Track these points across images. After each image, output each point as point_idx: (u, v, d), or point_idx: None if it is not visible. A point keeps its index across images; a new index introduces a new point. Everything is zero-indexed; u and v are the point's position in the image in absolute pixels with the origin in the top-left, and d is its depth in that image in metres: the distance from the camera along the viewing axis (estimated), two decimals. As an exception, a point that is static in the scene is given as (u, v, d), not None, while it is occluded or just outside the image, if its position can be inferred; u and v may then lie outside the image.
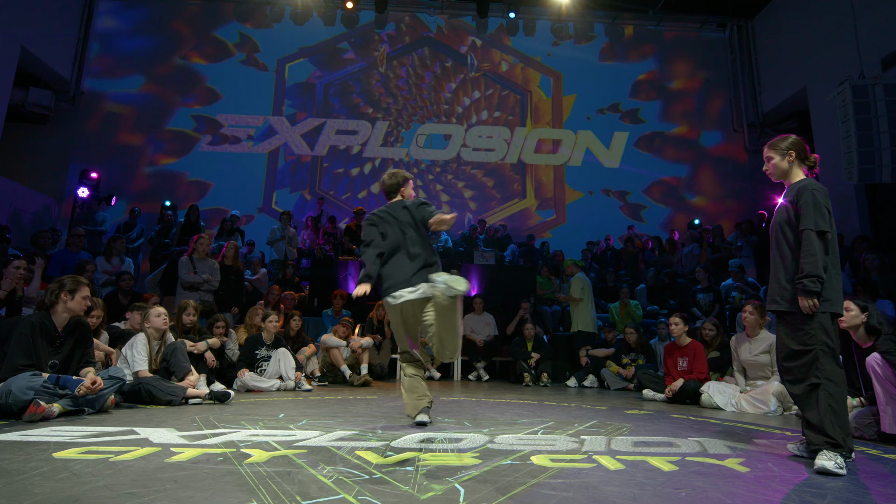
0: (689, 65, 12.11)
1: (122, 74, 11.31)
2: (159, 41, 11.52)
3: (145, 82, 11.32)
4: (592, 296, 7.09)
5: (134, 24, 11.58)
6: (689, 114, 11.88)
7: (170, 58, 11.45)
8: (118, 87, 11.29)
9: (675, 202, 11.45)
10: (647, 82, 11.97)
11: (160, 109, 11.26)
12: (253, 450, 2.31)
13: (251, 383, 5.05)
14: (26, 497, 1.56)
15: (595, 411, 4.03)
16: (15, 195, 9.70)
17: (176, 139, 11.17)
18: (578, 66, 11.95)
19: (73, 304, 3.40)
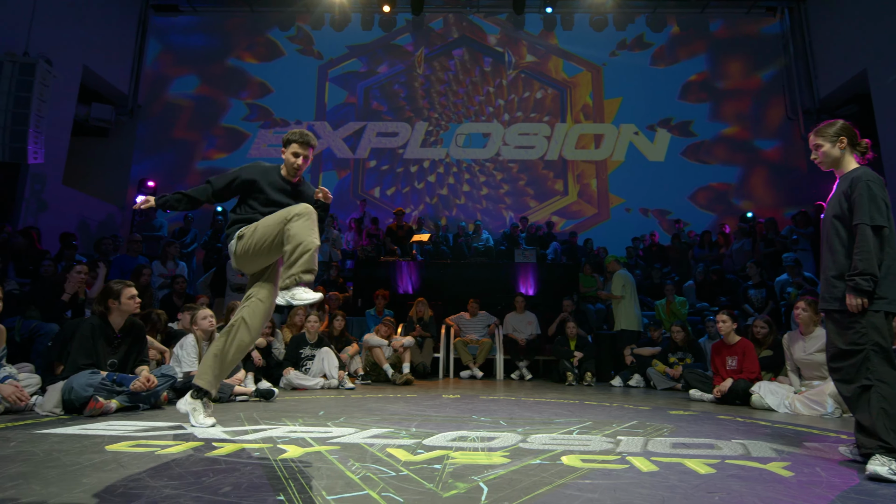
0: (739, 59, 11.49)
1: (173, 93, 11.89)
2: (209, 51, 12.03)
3: (196, 94, 11.85)
4: (636, 293, 6.91)
5: (183, 39, 12.15)
6: (742, 113, 11.26)
7: (217, 73, 11.94)
8: (172, 98, 11.87)
9: (723, 208, 10.84)
10: (697, 84, 11.48)
11: (213, 112, 11.76)
12: (289, 445, 2.39)
13: (296, 381, 5.20)
14: (76, 486, 1.68)
15: (637, 411, 3.93)
16: (81, 204, 10.35)
17: (229, 140, 11.64)
18: (620, 59, 11.65)
19: (124, 306, 3.61)
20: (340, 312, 6.58)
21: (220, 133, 11.73)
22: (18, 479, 1.75)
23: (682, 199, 10.87)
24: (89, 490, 1.65)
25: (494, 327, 7.35)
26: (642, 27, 11.72)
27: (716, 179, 11.03)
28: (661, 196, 10.92)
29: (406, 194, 11.38)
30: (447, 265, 8.64)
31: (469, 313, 7.48)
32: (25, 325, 4.58)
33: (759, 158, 11.04)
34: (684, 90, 11.46)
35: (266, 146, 11.59)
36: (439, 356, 7.09)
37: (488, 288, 8.20)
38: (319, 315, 5.78)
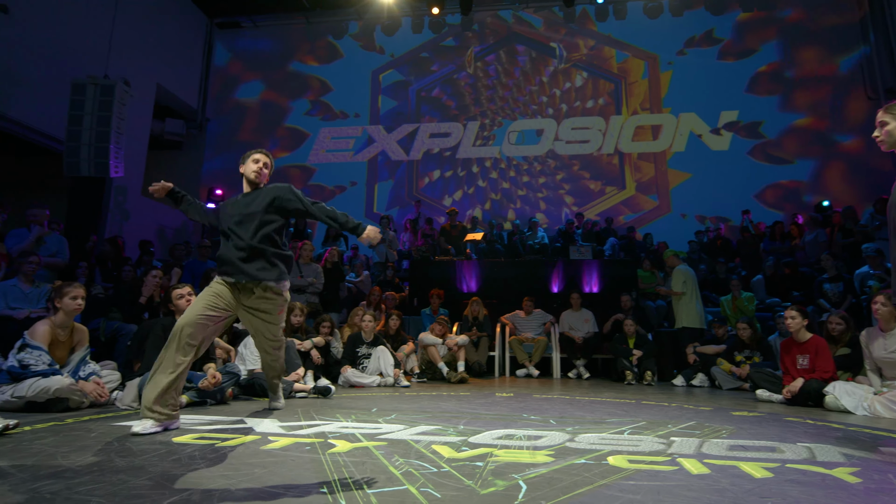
0: (814, 45, 10.73)
1: (240, 98, 12.53)
2: (272, 57, 12.59)
3: (261, 99, 12.42)
4: (697, 289, 6.61)
5: (249, 45, 12.77)
6: (817, 102, 10.49)
7: (280, 78, 12.47)
8: (239, 102, 12.51)
9: (793, 207, 10.10)
10: (767, 75, 10.83)
11: (277, 115, 12.30)
12: (338, 440, 2.48)
13: (353, 379, 5.36)
14: (142, 474, 1.83)
15: (696, 412, 3.78)
16: (158, 213, 11.11)
17: (291, 140, 12.14)
18: (677, 45, 11.18)
19: (173, 307, 3.87)
20: (396, 312, 6.71)
21: (284, 134, 12.25)
22: (93, 467, 1.92)
23: (748, 198, 10.24)
24: (152, 478, 1.79)
25: (550, 325, 7.26)
26: (711, 21, 11.12)
27: (786, 176, 10.33)
28: (725, 192, 10.36)
29: (460, 194, 11.44)
30: (501, 263, 8.61)
31: (524, 311, 7.42)
32: (109, 326, 4.97)
33: (835, 151, 10.26)
34: (753, 82, 10.82)
35: (329, 139, 11.99)
36: (495, 355, 7.09)
37: (543, 286, 8.12)
38: (375, 315, 5.92)
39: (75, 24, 8.99)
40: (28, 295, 4.68)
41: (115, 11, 9.45)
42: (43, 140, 8.62)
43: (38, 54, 8.36)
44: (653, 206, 10.69)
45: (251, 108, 12.49)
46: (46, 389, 3.20)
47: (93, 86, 8.25)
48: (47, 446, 2.26)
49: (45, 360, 3.29)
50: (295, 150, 12.13)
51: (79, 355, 3.58)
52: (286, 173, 11.92)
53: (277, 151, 12.16)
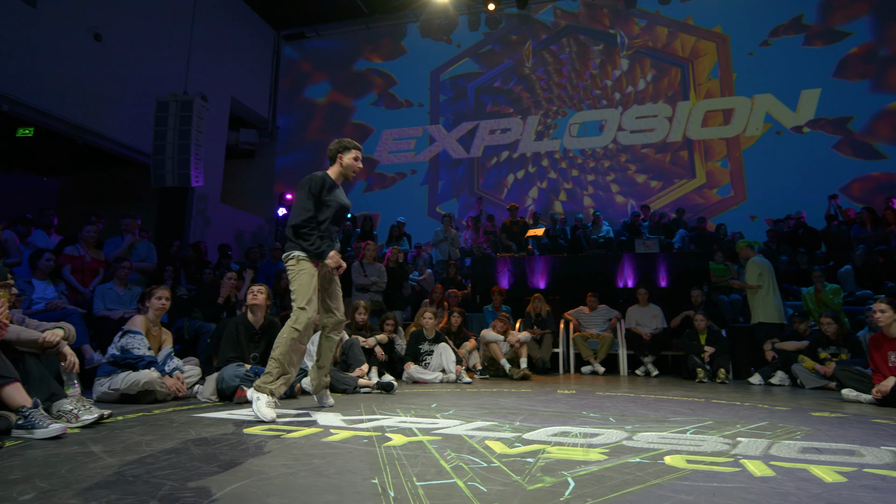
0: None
1: (304, 101, 13.08)
2: (338, 58, 13.06)
3: (328, 100, 12.91)
4: (775, 281, 6.20)
5: (313, 55, 13.29)
6: None
7: (346, 78, 12.89)
8: (307, 101, 13.06)
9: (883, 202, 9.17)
10: (859, 56, 9.91)
11: (342, 114, 12.75)
12: (395, 434, 2.57)
13: (416, 376, 5.48)
14: (213, 461, 1.99)
15: (771, 412, 3.58)
16: (236, 219, 11.82)
17: (355, 136, 12.52)
18: (749, 23, 10.49)
19: (258, 300, 4.12)
20: (458, 309, 6.77)
21: (350, 130, 12.65)
22: (172, 454, 2.11)
23: (832, 185, 9.41)
24: (221, 465, 1.94)
25: (616, 321, 7.08)
26: (800, 6, 10.30)
27: (879, 168, 9.41)
28: (807, 179, 9.61)
29: (522, 189, 11.35)
30: (564, 259, 8.47)
31: (588, 307, 7.28)
32: (192, 325, 5.37)
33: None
34: (841, 66, 9.94)
35: (391, 140, 12.28)
36: (559, 351, 7.00)
37: (608, 281, 7.92)
38: (436, 312, 6.02)
39: (158, 47, 9.73)
40: (122, 297, 5.14)
41: (191, 32, 10.13)
42: (132, 154, 9.40)
43: (127, 76, 9.12)
44: (726, 195, 10.13)
45: (319, 107, 12.99)
46: (137, 382, 3.52)
47: (174, 102, 8.90)
48: (135, 434, 2.50)
49: (145, 343, 3.67)
50: (361, 143, 12.52)
51: (164, 352, 3.92)
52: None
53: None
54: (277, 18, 12.87)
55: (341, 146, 3.41)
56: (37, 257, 4.71)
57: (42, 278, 4.71)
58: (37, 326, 2.94)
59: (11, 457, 2.05)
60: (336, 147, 3.42)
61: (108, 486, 1.67)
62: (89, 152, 9.18)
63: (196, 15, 10.25)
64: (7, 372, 2.48)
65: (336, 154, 3.41)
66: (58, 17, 7.92)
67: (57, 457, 2.05)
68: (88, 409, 2.71)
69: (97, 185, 11.28)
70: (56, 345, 2.80)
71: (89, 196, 11.08)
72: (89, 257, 5.55)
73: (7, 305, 2.55)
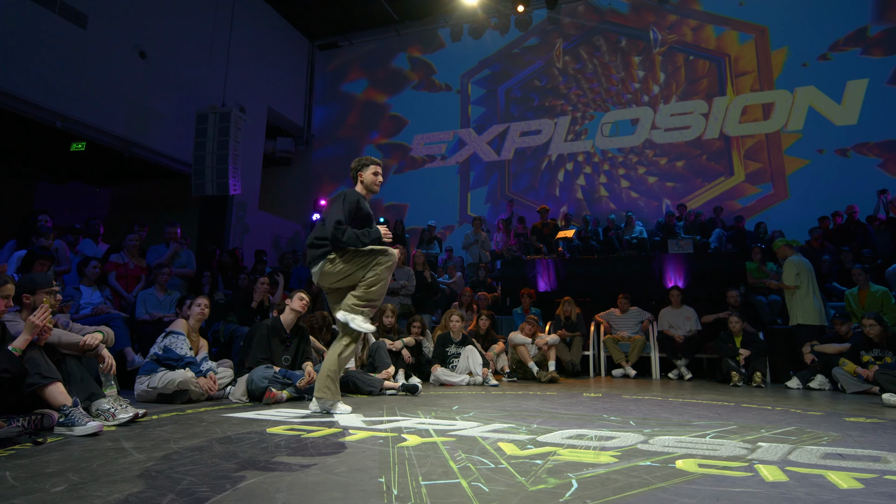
0: None
1: (339, 114, 13.36)
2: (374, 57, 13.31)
3: (356, 119, 13.17)
4: (814, 282, 5.96)
5: (345, 73, 13.58)
6: None
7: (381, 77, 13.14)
8: (345, 98, 13.34)
9: None
10: None
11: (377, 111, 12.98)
12: (411, 435, 2.63)
13: (443, 378, 5.53)
14: (233, 458, 2.09)
15: (802, 416, 3.46)
16: (273, 225, 12.17)
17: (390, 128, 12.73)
18: (790, 11, 10.11)
19: (294, 305, 4.26)
20: (487, 312, 6.80)
21: (385, 124, 12.84)
22: (195, 451, 2.23)
23: (883, 180, 8.96)
24: (240, 463, 2.04)
25: (648, 323, 6.95)
26: (864, 18, 9.70)
27: None
28: (853, 174, 9.18)
29: (553, 191, 11.27)
30: (595, 260, 8.37)
31: (619, 309, 7.17)
32: (227, 328, 5.59)
33: None
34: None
35: (423, 145, 12.42)
36: (589, 354, 6.93)
37: (640, 282, 7.77)
38: (464, 315, 6.06)
39: (198, 62, 10.15)
40: (162, 302, 5.40)
41: (229, 46, 10.52)
42: (175, 164, 9.82)
43: (169, 90, 9.56)
44: (766, 192, 9.78)
45: (355, 103, 13.24)
46: (172, 381, 3.70)
47: (213, 114, 9.27)
48: (165, 433, 2.64)
49: (187, 344, 3.87)
50: (395, 136, 12.73)
51: (200, 356, 4.11)
52: (385, 151, 12.63)
53: (379, 138, 12.85)
54: (311, 29, 13.21)
55: (360, 164, 3.51)
56: (84, 265, 5.01)
57: (89, 284, 5.01)
58: (79, 330, 3.15)
59: (50, 452, 2.21)
60: (355, 166, 3.52)
61: (133, 481, 1.79)
62: (136, 164, 9.65)
63: (234, 29, 10.63)
64: (49, 372, 2.67)
65: (356, 173, 3.51)
66: (106, 37, 8.37)
67: (91, 452, 2.20)
68: (125, 409, 2.88)
69: (144, 195, 11.82)
70: (95, 347, 2.98)
71: (137, 205, 11.63)
72: (132, 264, 5.85)
73: (51, 311, 2.74)
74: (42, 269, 4.27)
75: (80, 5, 8.00)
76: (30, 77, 7.30)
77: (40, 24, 7.46)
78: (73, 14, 7.89)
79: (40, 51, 7.46)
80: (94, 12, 8.19)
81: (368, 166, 3.50)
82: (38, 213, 5.54)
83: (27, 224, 5.39)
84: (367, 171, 3.49)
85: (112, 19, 8.49)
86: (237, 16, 10.74)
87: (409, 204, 12.19)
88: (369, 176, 3.49)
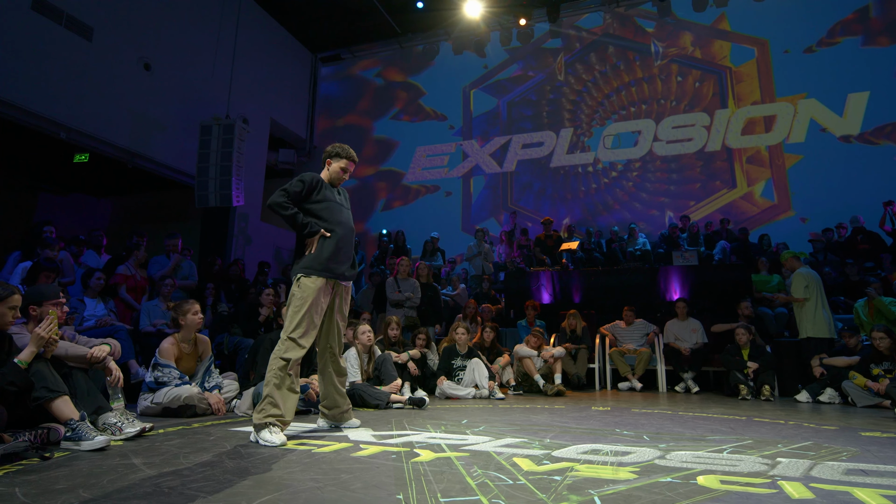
0: None
1: (342, 125, 13.41)
2: (367, 94, 13.36)
3: (358, 132, 13.21)
4: (823, 294, 5.93)
5: (348, 84, 13.65)
6: None
7: (377, 114, 13.18)
8: (339, 137, 13.37)
9: None
10: None
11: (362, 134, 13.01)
12: (423, 450, 2.58)
13: (449, 391, 5.48)
14: (246, 475, 2.05)
15: (817, 431, 3.42)
16: (276, 236, 12.14)
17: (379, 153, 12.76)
18: (791, 26, 10.20)
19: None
20: (491, 324, 6.76)
21: (373, 146, 12.87)
22: (206, 467, 2.18)
23: (888, 190, 8.96)
24: (253, 479, 1.99)
25: (654, 336, 6.91)
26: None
27: None
28: (857, 184, 9.19)
29: (556, 203, 11.27)
30: (599, 272, 8.34)
31: (624, 322, 7.14)
32: (231, 341, 5.54)
33: None
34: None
35: (425, 157, 12.45)
36: (595, 367, 6.87)
37: (645, 294, 7.74)
38: (469, 327, 6.02)
39: (201, 72, 10.20)
40: (166, 313, 5.35)
41: (233, 58, 10.57)
42: (178, 176, 9.82)
43: (172, 101, 9.59)
44: (769, 204, 9.78)
45: (358, 113, 13.29)
46: (178, 397, 3.65)
47: (217, 126, 9.28)
48: (173, 447, 2.60)
49: (175, 374, 3.77)
50: (397, 147, 12.75)
51: (204, 365, 4.05)
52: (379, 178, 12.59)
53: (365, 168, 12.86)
54: (314, 41, 13.29)
55: (333, 151, 3.35)
56: (88, 276, 4.98)
57: (93, 296, 4.97)
58: (85, 343, 3.11)
59: (59, 467, 2.16)
60: (329, 150, 3.37)
61: (145, 497, 1.75)
62: (139, 175, 9.65)
63: (238, 41, 10.70)
64: (56, 386, 2.63)
65: (327, 158, 3.37)
66: (111, 49, 8.41)
67: (100, 468, 2.15)
68: (132, 422, 2.84)
69: (145, 206, 11.81)
70: (103, 360, 2.94)
71: (138, 217, 11.62)
72: (139, 276, 5.82)
73: (57, 323, 2.70)
74: (47, 280, 4.23)
75: (87, 18, 8.05)
76: (35, 88, 7.32)
77: (47, 36, 7.50)
78: (79, 27, 7.94)
79: (46, 63, 7.48)
80: (99, 25, 8.23)
81: (340, 158, 3.33)
82: (43, 223, 5.52)
83: (32, 235, 5.37)
84: (336, 163, 3.33)
85: (117, 32, 8.54)
86: (240, 28, 10.81)
87: (418, 209, 12.19)
88: (335, 168, 3.33)
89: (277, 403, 2.82)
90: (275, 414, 2.79)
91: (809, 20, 10.12)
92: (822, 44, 9.96)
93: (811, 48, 10.01)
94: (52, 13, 7.58)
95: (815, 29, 10.05)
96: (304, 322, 2.94)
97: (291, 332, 2.93)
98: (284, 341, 2.94)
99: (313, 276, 3.01)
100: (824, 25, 10.00)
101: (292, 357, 2.91)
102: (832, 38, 9.91)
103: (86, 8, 8.04)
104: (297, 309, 2.96)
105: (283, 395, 2.86)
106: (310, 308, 2.96)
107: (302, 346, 2.93)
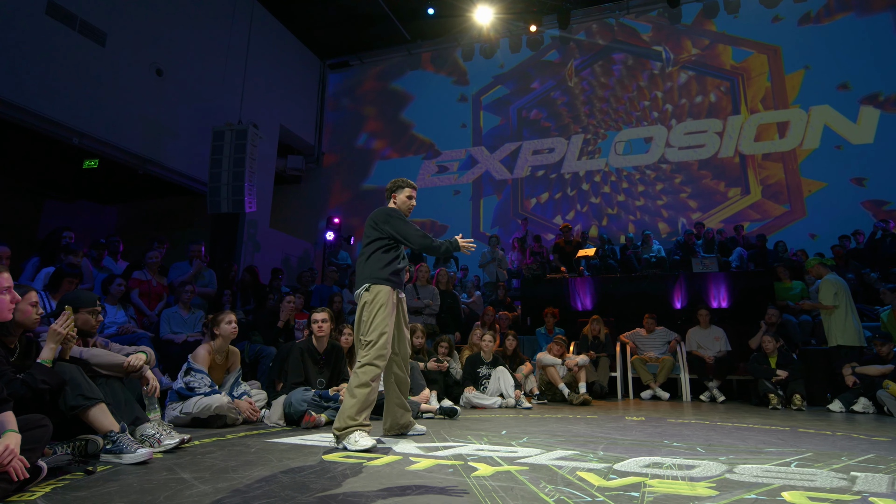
0: None
1: (350, 132, 13.34)
2: (376, 99, 13.31)
3: (367, 138, 13.15)
4: (852, 301, 5.84)
5: (356, 91, 13.60)
6: None
7: (386, 114, 13.12)
8: (348, 143, 13.31)
9: None
10: None
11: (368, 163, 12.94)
12: (479, 464, 2.47)
13: (475, 400, 5.36)
14: (307, 491, 1.93)
15: (871, 442, 3.31)
16: (283, 243, 12.03)
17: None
18: (803, 33, 10.19)
19: (323, 331, 4.11)
20: (511, 332, 6.64)
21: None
22: (262, 482, 2.07)
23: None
24: (318, 495, 1.88)
25: (676, 344, 6.81)
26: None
27: None
28: (871, 190, 9.15)
29: (567, 209, 11.19)
30: (616, 279, 8.25)
31: (645, 329, 7.04)
32: (252, 348, 5.42)
33: None
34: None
35: (434, 163, 12.37)
36: (616, 375, 6.76)
37: (664, 302, 7.65)
38: (493, 335, 5.91)
39: (213, 79, 10.13)
40: (186, 320, 5.24)
41: (245, 63, 10.52)
42: (189, 182, 9.73)
43: (185, 107, 9.51)
44: (783, 210, 9.72)
45: (367, 120, 13.22)
46: (208, 407, 3.53)
47: (230, 132, 9.21)
48: (217, 460, 2.48)
49: (207, 381, 3.65)
50: (406, 153, 12.73)
51: (232, 376, 3.93)
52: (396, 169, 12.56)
53: (390, 154, 12.83)
54: (323, 48, 13.26)
55: (395, 185, 3.52)
56: (109, 282, 4.86)
57: (113, 303, 4.85)
58: (118, 351, 3.00)
59: (106, 482, 2.05)
60: (391, 186, 3.54)
61: (212, 516, 1.64)
62: (147, 181, 9.55)
63: (249, 48, 10.65)
64: (93, 393, 2.50)
65: (391, 193, 3.53)
66: (123, 55, 8.34)
67: (150, 483, 2.04)
68: (169, 434, 2.72)
69: (152, 213, 11.70)
70: (139, 369, 2.83)
71: (145, 223, 11.50)
72: (154, 282, 5.71)
73: (73, 323, 2.57)
74: (70, 286, 4.12)
75: (100, 23, 7.99)
76: (49, 93, 7.24)
77: (60, 41, 7.43)
78: (92, 32, 7.87)
79: (59, 68, 7.41)
80: (112, 30, 8.17)
81: (403, 189, 3.50)
82: (62, 229, 5.40)
83: (51, 241, 5.25)
84: (402, 194, 3.50)
85: (130, 37, 8.48)
86: (251, 34, 10.77)
87: (429, 217, 12.10)
88: (402, 199, 3.49)
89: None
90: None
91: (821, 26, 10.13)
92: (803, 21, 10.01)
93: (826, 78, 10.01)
94: (67, 18, 7.52)
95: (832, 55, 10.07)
96: (383, 325, 3.09)
97: (369, 336, 3.07)
98: (368, 349, 3.04)
99: (381, 284, 3.19)
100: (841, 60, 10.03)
101: (380, 364, 3.03)
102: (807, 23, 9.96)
103: (99, 13, 7.98)
104: (372, 314, 3.11)
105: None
106: (388, 314, 3.13)
107: (383, 352, 3.05)
